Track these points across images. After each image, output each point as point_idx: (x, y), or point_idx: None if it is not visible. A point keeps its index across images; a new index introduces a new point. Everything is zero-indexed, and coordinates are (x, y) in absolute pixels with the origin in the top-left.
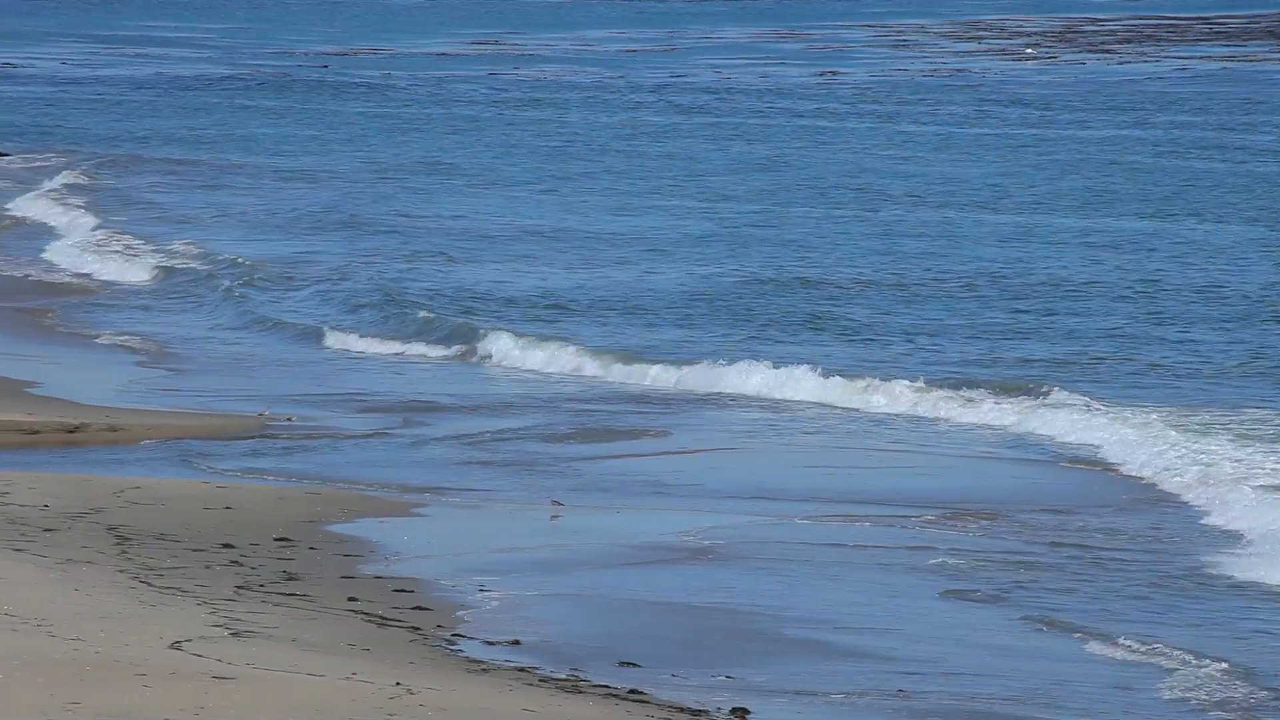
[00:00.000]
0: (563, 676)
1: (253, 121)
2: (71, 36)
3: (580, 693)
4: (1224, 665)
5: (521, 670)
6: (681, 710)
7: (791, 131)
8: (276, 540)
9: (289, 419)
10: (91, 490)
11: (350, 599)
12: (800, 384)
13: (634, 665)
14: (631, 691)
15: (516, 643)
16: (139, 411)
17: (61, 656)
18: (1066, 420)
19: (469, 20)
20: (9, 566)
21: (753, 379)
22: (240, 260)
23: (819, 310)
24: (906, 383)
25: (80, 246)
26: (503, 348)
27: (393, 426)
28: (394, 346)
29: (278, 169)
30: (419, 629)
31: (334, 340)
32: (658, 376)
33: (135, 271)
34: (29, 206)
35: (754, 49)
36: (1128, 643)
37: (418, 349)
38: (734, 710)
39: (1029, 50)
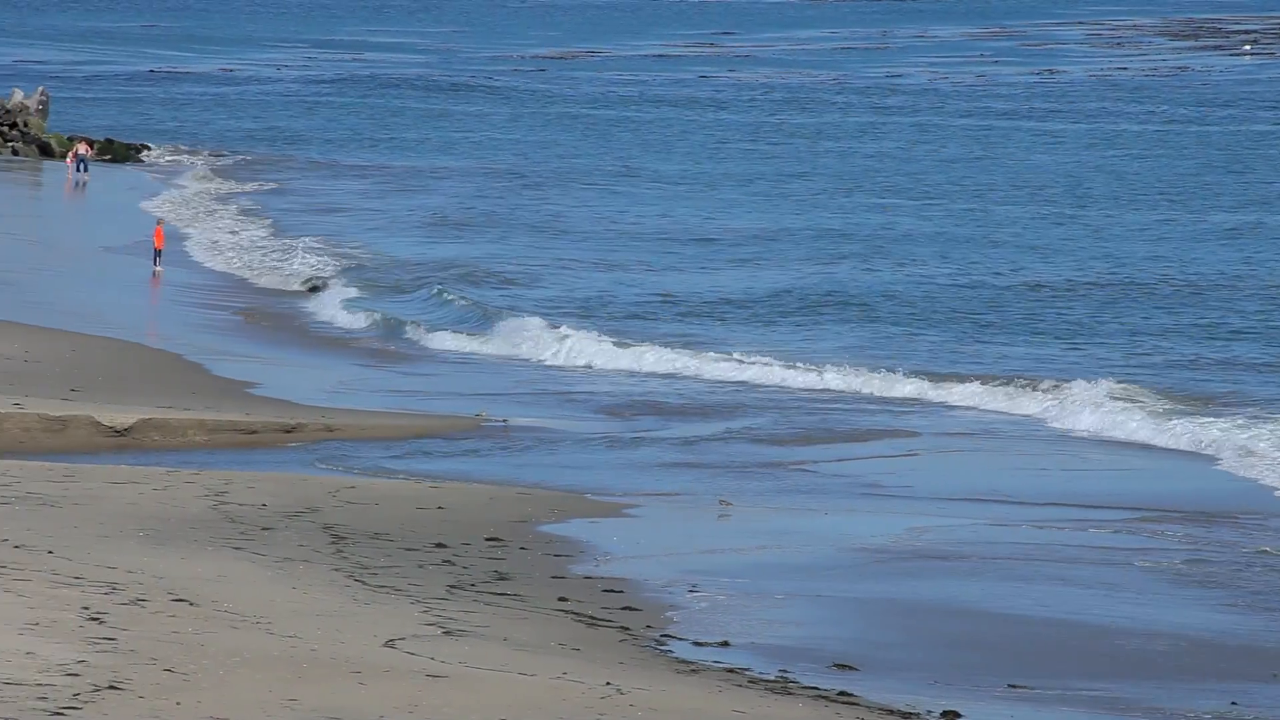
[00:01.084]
0: (772, 678)
1: (459, 124)
2: (291, 42)
3: (790, 694)
4: None
5: (731, 671)
6: (892, 713)
7: (1003, 132)
8: (488, 540)
9: (504, 420)
10: (308, 489)
11: (560, 599)
12: (1018, 401)
13: (848, 667)
14: (841, 694)
15: (726, 644)
16: (354, 412)
17: (280, 654)
18: None
19: (686, 21)
20: (229, 564)
21: (969, 388)
22: (446, 261)
23: (1034, 311)
24: (1119, 386)
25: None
26: (720, 353)
27: (613, 429)
28: (613, 349)
29: (487, 170)
30: (629, 629)
31: (550, 340)
32: (881, 383)
33: (343, 275)
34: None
35: (966, 47)
36: None
37: (646, 354)
38: (944, 713)
39: (1247, 47)
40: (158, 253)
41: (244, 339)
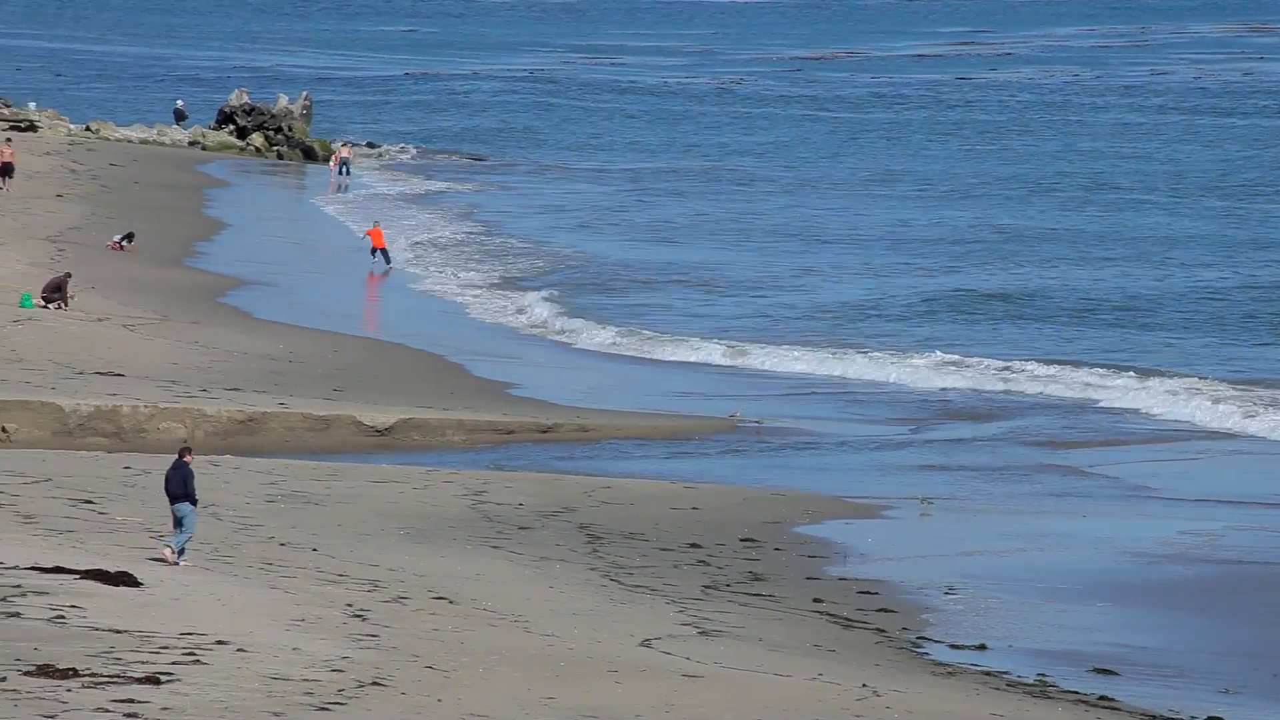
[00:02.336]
0: (1031, 681)
1: (702, 126)
2: (547, 47)
3: (1049, 698)
4: None
5: (989, 674)
6: (1154, 719)
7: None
8: (743, 541)
9: (758, 421)
10: (563, 489)
11: (816, 600)
12: None
13: (1108, 672)
14: (1101, 698)
15: (983, 647)
16: (609, 412)
17: (537, 652)
18: None
19: (944, 19)
20: (487, 563)
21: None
22: (687, 265)
23: None
24: None
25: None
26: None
27: (872, 432)
28: (868, 355)
29: (727, 171)
30: (884, 631)
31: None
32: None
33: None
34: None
35: (1227, 43)
36: None
37: (904, 359)
38: (1209, 719)
39: None
40: (380, 251)
41: (503, 340)
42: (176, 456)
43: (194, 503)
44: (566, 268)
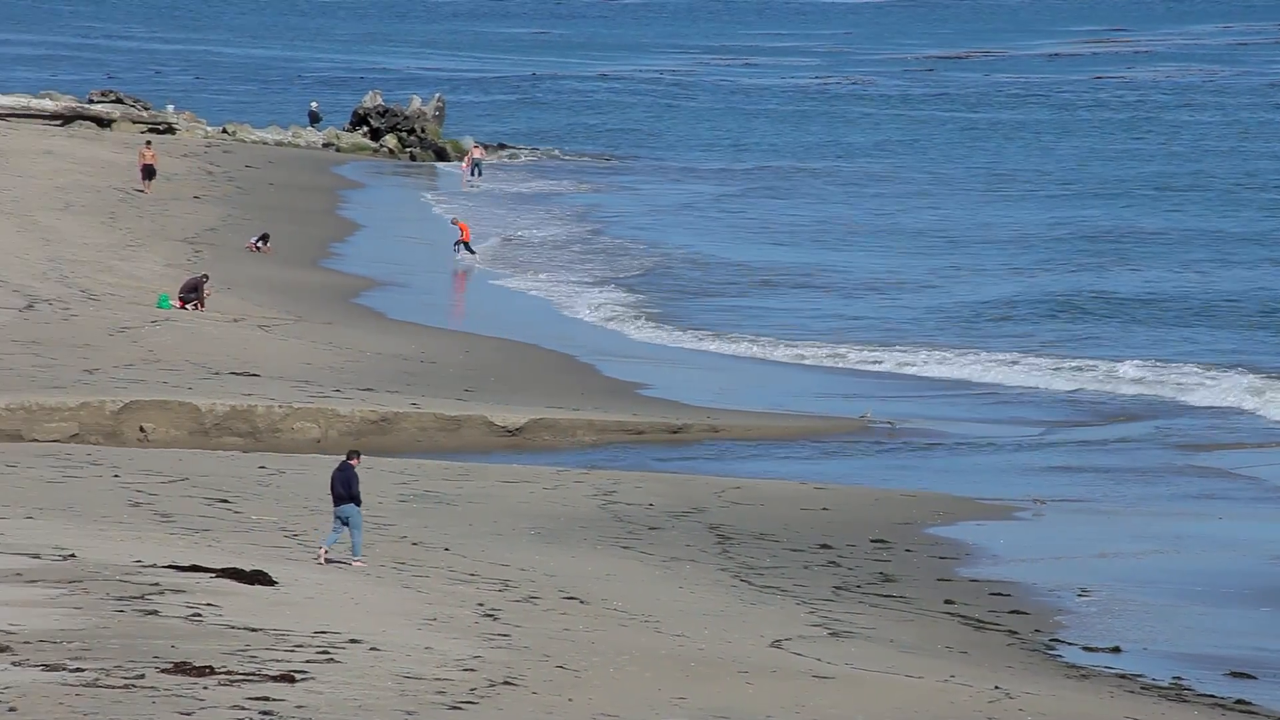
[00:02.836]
0: (1165, 685)
1: (825, 127)
2: (679, 48)
3: (1184, 701)
4: None
5: (1123, 677)
6: None
7: None
8: (873, 542)
9: (891, 423)
10: (694, 489)
11: (947, 601)
12: None
13: (1246, 675)
14: (1239, 702)
15: (1117, 649)
16: (739, 413)
17: (668, 652)
18: None
19: (1079, 17)
20: (617, 563)
21: None
22: (834, 267)
23: None
24: None
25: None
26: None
27: (1007, 433)
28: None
29: (852, 172)
30: (1016, 633)
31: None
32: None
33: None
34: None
35: None
36: None
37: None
38: None
39: None
40: (463, 244)
41: (626, 341)
42: (343, 459)
43: (358, 504)
44: (691, 269)
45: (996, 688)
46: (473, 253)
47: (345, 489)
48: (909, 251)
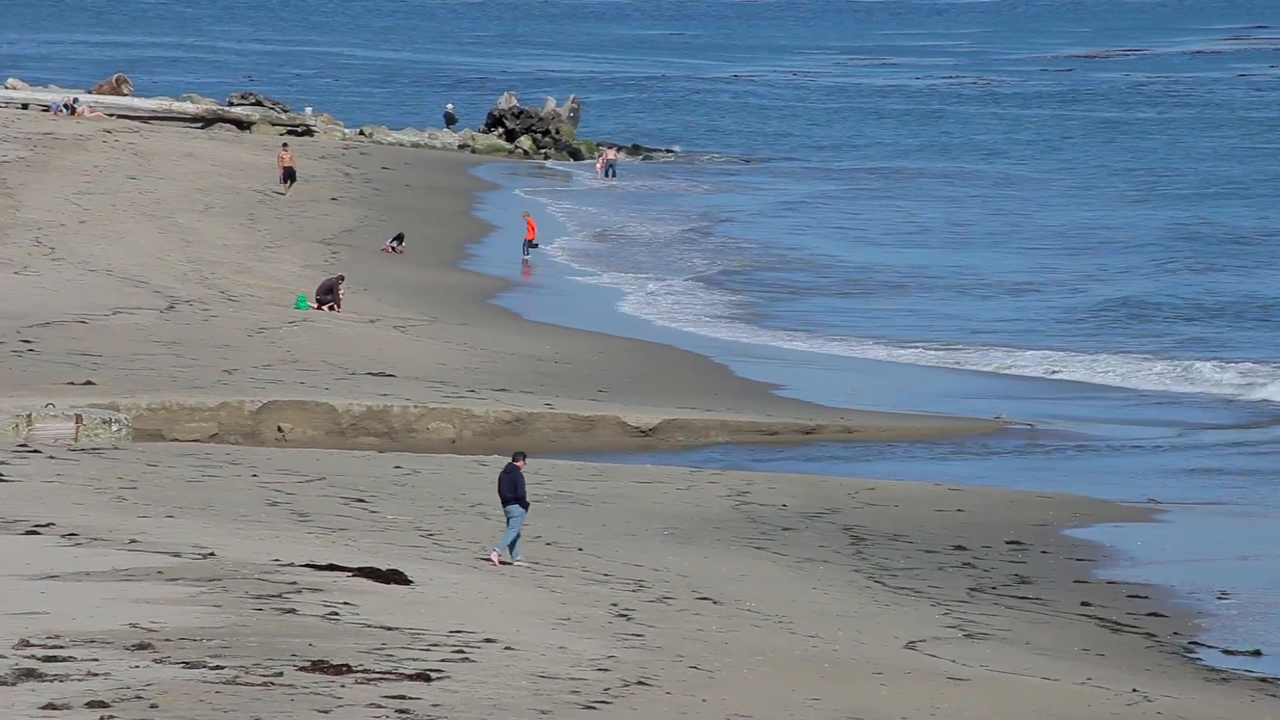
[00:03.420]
0: None
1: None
2: (816, 49)
3: None
4: None
5: (1264, 681)
6: None
7: None
8: (1009, 543)
9: (1030, 424)
10: (827, 490)
11: (1083, 603)
12: None
13: None
14: None
15: (1258, 653)
16: (873, 413)
17: (801, 653)
18: None
19: (1220, 14)
20: (750, 564)
21: None
22: (968, 268)
23: None
24: None
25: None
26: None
27: (1147, 435)
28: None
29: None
30: (1154, 635)
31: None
32: None
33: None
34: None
35: None
36: None
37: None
38: None
39: None
40: (528, 243)
41: (761, 341)
42: (509, 460)
43: (525, 506)
44: (821, 271)
45: (1134, 690)
46: (535, 246)
47: (512, 491)
48: (1047, 252)
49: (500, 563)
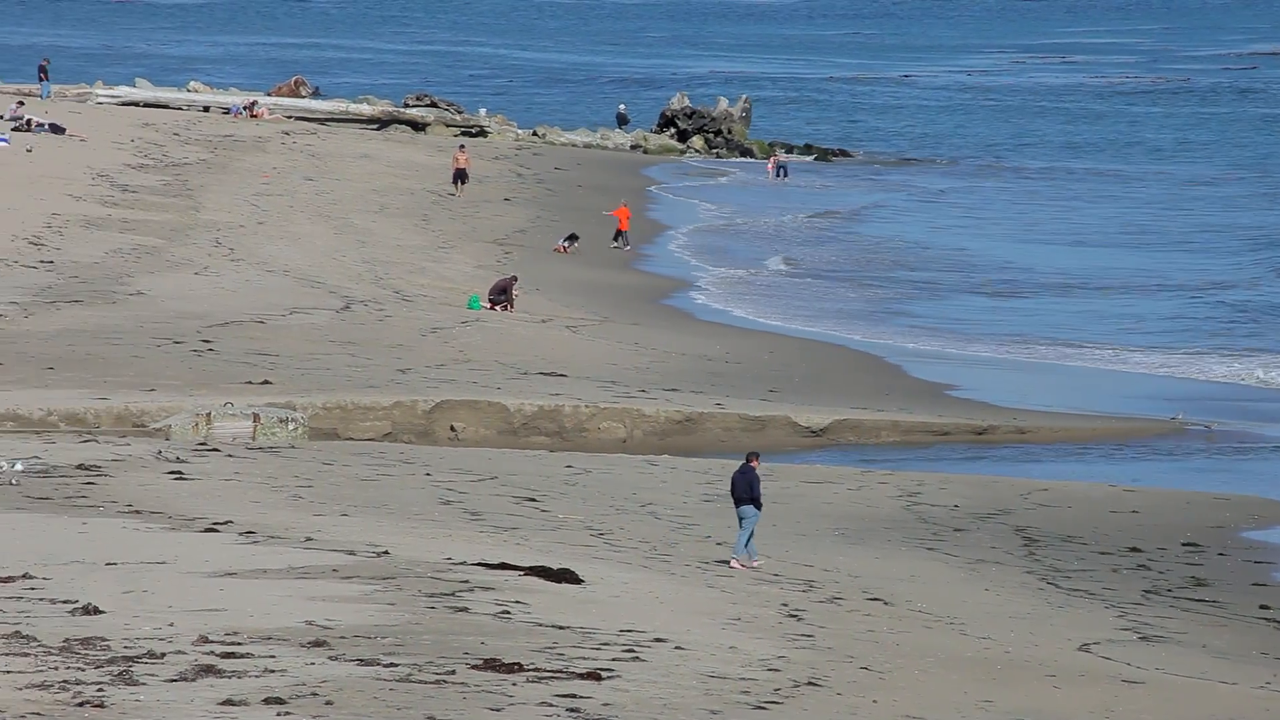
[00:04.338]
0: None
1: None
2: (993, 48)
3: None
4: None
5: None
6: None
7: None
8: (1185, 545)
9: (1208, 425)
10: (999, 491)
11: (1262, 606)
12: None
13: None
14: None
15: None
16: (1047, 414)
17: (973, 655)
18: None
19: None
20: (921, 565)
21: None
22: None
23: None
24: None
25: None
26: None
27: None
28: None
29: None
30: None
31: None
32: None
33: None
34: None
35: None
36: None
37: None
38: None
39: None
40: (620, 234)
41: (941, 344)
42: (744, 461)
43: (758, 506)
44: (993, 271)
45: None
46: (626, 244)
47: (748, 491)
48: (1225, 252)
49: (742, 567)
